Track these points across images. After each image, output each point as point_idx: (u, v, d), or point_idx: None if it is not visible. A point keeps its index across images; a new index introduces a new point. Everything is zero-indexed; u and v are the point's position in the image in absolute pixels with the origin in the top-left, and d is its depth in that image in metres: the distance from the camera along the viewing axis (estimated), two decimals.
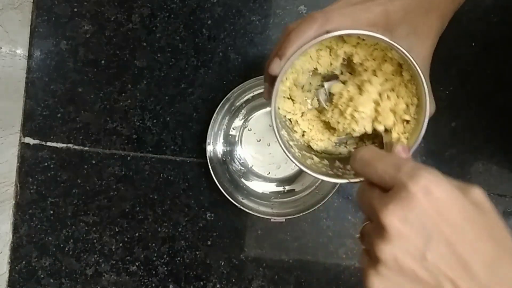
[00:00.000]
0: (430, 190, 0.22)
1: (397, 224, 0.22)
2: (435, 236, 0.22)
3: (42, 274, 0.57)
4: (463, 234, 0.22)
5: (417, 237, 0.22)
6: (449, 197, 0.22)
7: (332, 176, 0.33)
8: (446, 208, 0.22)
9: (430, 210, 0.22)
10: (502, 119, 0.56)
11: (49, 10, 0.56)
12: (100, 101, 0.56)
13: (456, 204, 0.22)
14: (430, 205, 0.22)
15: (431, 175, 0.23)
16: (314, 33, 0.29)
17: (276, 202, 0.54)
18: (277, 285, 0.57)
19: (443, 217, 0.22)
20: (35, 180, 0.56)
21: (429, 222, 0.22)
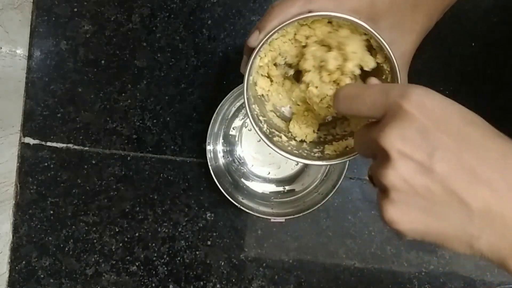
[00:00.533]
0: (423, 103, 0.22)
1: (398, 145, 0.22)
2: (439, 147, 0.21)
3: (42, 274, 0.57)
4: (467, 140, 0.21)
5: (420, 152, 0.21)
6: (444, 106, 0.22)
7: (296, 156, 0.34)
8: (444, 117, 0.22)
9: (428, 122, 0.21)
10: (502, 119, 0.56)
11: (49, 10, 0.56)
12: (100, 101, 0.56)
13: (453, 111, 0.22)
14: (427, 118, 0.21)
15: (421, 90, 0.22)
16: (296, 11, 0.29)
17: (276, 202, 0.54)
18: (277, 285, 0.57)
19: (442, 126, 0.21)
20: (35, 180, 0.56)
21: (429, 134, 0.21)
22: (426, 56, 0.56)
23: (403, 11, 0.30)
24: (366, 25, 0.29)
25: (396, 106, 0.22)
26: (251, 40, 0.31)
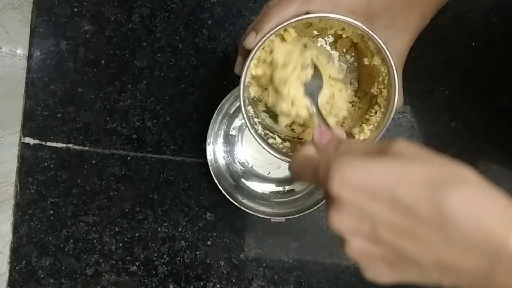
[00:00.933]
0: (347, 180, 0.22)
1: (343, 226, 0.24)
2: (376, 217, 0.22)
3: (42, 274, 0.57)
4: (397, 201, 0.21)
5: (363, 227, 0.23)
6: (366, 174, 0.22)
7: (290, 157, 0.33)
8: (369, 186, 0.22)
9: (356, 199, 0.22)
10: (502, 119, 0.56)
11: (49, 10, 0.56)
12: (100, 101, 0.56)
13: (376, 176, 0.22)
14: (355, 194, 0.22)
15: (341, 166, 0.23)
16: (294, 12, 0.29)
17: (276, 202, 0.54)
18: (277, 285, 0.57)
19: (371, 196, 0.22)
20: (35, 180, 0.56)
21: (363, 208, 0.22)
22: (426, 56, 0.56)
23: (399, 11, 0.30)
24: (364, 26, 0.29)
25: (326, 188, 0.23)
26: (247, 41, 0.30)
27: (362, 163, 0.22)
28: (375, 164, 0.22)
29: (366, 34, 0.30)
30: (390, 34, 0.31)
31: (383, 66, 0.31)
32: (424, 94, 0.56)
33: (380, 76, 0.32)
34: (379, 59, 0.31)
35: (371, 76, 0.34)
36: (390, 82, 0.31)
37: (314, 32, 0.35)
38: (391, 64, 0.30)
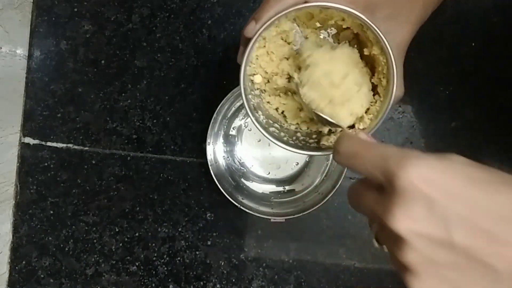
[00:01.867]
0: (423, 174, 0.21)
1: (410, 226, 0.21)
2: (450, 217, 0.20)
3: (42, 274, 0.57)
4: (475, 201, 0.20)
5: (434, 227, 0.20)
6: (444, 171, 0.21)
7: (291, 146, 0.33)
8: (446, 184, 0.21)
9: (432, 194, 0.20)
10: (502, 119, 0.56)
11: (49, 10, 0.56)
12: (100, 101, 0.56)
13: (454, 175, 0.21)
14: (430, 189, 0.20)
15: (418, 159, 0.21)
16: (293, 0, 0.29)
17: (276, 202, 0.54)
18: (277, 285, 0.57)
19: (447, 194, 0.20)
20: (35, 180, 0.56)
21: (437, 206, 0.20)
22: (426, 56, 0.56)
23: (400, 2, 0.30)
24: (363, 16, 0.29)
25: (397, 180, 0.21)
26: (247, 30, 0.30)
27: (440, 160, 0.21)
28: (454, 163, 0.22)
29: (364, 23, 0.30)
30: (391, 25, 0.30)
31: (382, 55, 0.31)
32: (424, 94, 0.56)
33: (379, 66, 0.32)
34: (378, 48, 0.31)
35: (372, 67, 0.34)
36: (389, 71, 0.31)
37: (317, 24, 0.35)
38: (389, 52, 0.30)
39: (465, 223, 0.20)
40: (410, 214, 0.21)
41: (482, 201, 0.20)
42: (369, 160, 0.23)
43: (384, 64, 0.32)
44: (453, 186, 0.20)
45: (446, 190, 0.20)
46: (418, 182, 0.20)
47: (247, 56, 0.32)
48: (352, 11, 0.29)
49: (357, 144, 0.24)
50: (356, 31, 0.34)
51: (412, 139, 0.57)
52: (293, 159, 0.56)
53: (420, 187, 0.20)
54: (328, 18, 0.34)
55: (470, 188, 0.21)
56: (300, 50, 0.35)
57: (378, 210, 0.22)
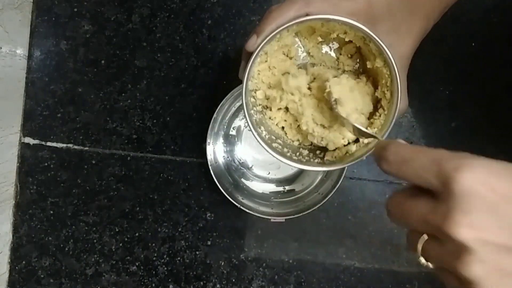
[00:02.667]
0: (482, 177, 0.19)
1: (473, 233, 0.19)
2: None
3: (42, 274, 0.57)
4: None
5: (499, 233, 0.19)
6: (503, 175, 0.20)
7: (295, 161, 0.33)
8: (507, 187, 0.19)
9: (494, 197, 0.19)
10: (502, 119, 0.56)
11: (49, 10, 0.56)
12: (100, 101, 0.56)
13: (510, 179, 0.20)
14: (491, 192, 0.19)
15: (475, 160, 0.20)
16: (294, 14, 0.29)
17: (276, 202, 0.54)
18: (277, 285, 0.57)
19: (509, 197, 0.19)
20: (35, 180, 0.56)
21: (500, 210, 0.19)
22: (426, 56, 0.56)
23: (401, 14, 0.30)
24: (365, 27, 0.29)
25: (455, 183, 0.19)
26: (249, 44, 0.30)
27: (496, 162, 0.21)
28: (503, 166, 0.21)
29: (367, 35, 0.30)
30: (393, 38, 0.30)
31: (385, 68, 0.31)
32: (424, 94, 0.56)
33: (383, 78, 0.32)
34: (381, 61, 0.31)
35: (376, 80, 0.34)
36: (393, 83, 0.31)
37: (319, 38, 0.35)
38: (393, 65, 0.29)
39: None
40: (474, 221, 0.19)
41: None
42: (422, 165, 0.21)
43: (387, 76, 0.31)
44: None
45: (507, 193, 0.19)
46: (479, 186, 0.19)
47: (249, 71, 0.31)
48: (354, 23, 0.29)
49: (407, 150, 0.23)
50: (358, 44, 0.34)
51: (412, 139, 0.57)
52: None
53: (482, 191, 0.19)
54: (330, 32, 0.34)
55: None
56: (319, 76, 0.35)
57: (434, 219, 0.20)
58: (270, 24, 0.30)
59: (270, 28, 0.30)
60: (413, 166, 0.22)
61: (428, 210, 0.21)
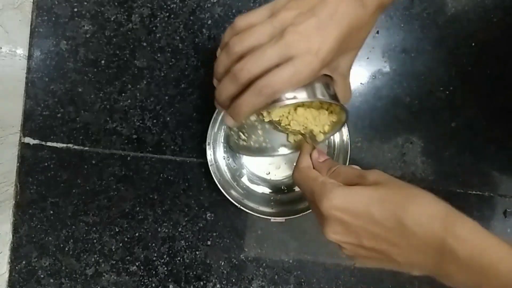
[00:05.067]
0: (338, 205, 0.31)
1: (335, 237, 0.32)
2: (358, 230, 0.30)
3: (42, 274, 0.57)
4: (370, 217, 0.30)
5: (351, 238, 0.31)
6: (351, 201, 0.31)
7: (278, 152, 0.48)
8: (354, 208, 0.30)
9: (344, 217, 0.31)
10: (502, 119, 0.56)
11: (49, 10, 0.56)
12: (100, 101, 0.56)
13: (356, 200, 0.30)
14: (342, 214, 0.31)
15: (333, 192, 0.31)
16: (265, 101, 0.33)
17: (276, 202, 0.54)
18: (277, 285, 0.57)
19: (353, 215, 0.30)
20: (35, 180, 0.56)
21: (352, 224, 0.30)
22: (426, 56, 0.56)
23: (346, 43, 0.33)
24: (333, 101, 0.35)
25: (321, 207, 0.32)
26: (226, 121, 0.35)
27: (348, 191, 0.31)
28: (357, 192, 0.31)
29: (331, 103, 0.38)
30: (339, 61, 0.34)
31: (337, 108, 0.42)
32: (424, 94, 0.56)
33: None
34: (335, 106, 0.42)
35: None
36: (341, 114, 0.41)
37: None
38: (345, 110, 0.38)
39: (368, 233, 0.30)
40: (333, 230, 0.32)
41: (375, 214, 0.29)
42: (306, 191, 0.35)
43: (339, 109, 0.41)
44: (357, 209, 0.30)
45: (353, 213, 0.30)
46: (333, 211, 0.31)
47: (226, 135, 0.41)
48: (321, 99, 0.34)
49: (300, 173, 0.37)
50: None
51: (412, 139, 0.57)
52: (293, 159, 0.56)
53: (334, 213, 0.31)
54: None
55: (369, 207, 0.30)
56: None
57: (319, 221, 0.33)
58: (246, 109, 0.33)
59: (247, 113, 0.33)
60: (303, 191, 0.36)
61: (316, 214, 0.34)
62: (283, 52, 0.30)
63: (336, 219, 0.31)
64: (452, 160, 0.56)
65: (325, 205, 0.31)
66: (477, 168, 0.57)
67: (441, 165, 0.56)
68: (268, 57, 0.31)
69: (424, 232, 0.28)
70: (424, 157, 0.57)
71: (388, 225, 0.29)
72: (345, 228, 0.31)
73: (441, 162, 0.56)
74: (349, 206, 0.30)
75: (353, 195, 0.31)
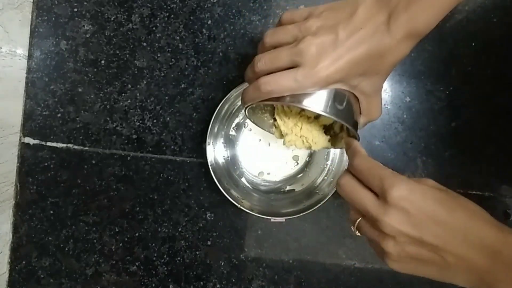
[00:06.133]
0: (406, 196, 0.30)
1: (395, 228, 0.31)
2: (422, 225, 0.30)
3: (42, 274, 0.57)
4: (436, 216, 0.30)
5: (412, 230, 0.30)
6: (421, 195, 0.30)
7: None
8: (421, 203, 0.30)
9: (411, 210, 0.30)
10: (502, 119, 0.56)
11: (49, 10, 0.56)
12: (100, 101, 0.56)
13: (424, 196, 0.30)
14: (410, 206, 0.30)
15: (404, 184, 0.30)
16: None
17: (276, 202, 0.54)
18: (277, 285, 0.57)
19: (421, 211, 0.30)
20: (35, 180, 0.56)
21: (414, 218, 0.30)
22: (426, 56, 0.56)
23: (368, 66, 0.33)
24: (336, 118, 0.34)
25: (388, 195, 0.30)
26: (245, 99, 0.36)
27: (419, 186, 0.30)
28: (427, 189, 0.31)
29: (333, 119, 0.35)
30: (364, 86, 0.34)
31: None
32: (424, 94, 0.56)
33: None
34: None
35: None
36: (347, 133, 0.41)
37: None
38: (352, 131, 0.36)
39: (431, 230, 0.30)
40: (397, 221, 0.30)
41: (442, 216, 0.30)
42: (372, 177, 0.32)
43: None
44: (424, 205, 0.30)
45: (419, 207, 0.30)
46: (402, 201, 0.30)
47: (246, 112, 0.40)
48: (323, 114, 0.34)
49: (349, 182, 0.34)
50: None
51: (412, 139, 0.57)
52: (293, 159, 0.56)
53: (403, 204, 0.30)
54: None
55: (435, 206, 0.30)
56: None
57: (373, 212, 0.31)
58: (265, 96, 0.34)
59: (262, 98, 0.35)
60: (367, 176, 0.33)
61: (370, 204, 0.32)
62: (293, 58, 0.32)
63: (403, 209, 0.30)
64: (452, 160, 0.56)
65: (396, 192, 0.30)
66: (477, 168, 0.57)
67: (441, 165, 0.56)
68: (280, 58, 0.33)
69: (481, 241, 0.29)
70: (424, 157, 0.57)
71: (456, 227, 0.30)
72: (410, 220, 0.30)
73: (441, 162, 0.56)
74: (421, 200, 0.30)
75: (425, 190, 0.31)
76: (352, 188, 0.34)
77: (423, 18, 0.31)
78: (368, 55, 0.31)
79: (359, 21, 0.31)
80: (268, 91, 0.33)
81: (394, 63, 0.33)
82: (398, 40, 0.31)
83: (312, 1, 0.56)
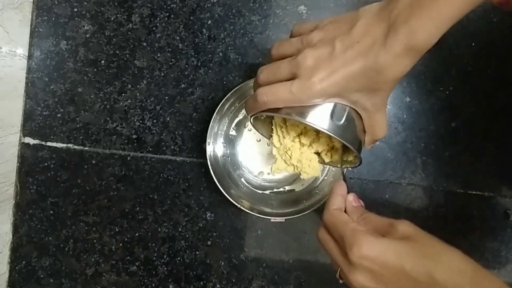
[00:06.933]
0: (366, 255, 0.31)
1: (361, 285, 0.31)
2: (386, 280, 0.31)
3: (42, 274, 0.57)
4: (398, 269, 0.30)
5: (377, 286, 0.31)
6: (382, 252, 0.30)
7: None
8: (382, 259, 0.30)
9: (372, 267, 0.31)
10: (502, 119, 0.56)
11: (49, 10, 0.56)
12: (100, 101, 0.56)
13: (385, 252, 0.30)
14: (371, 264, 0.31)
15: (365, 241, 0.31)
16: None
17: (276, 202, 0.54)
18: (277, 285, 0.57)
19: (382, 266, 0.30)
20: (35, 180, 0.56)
21: (379, 274, 0.31)
22: (426, 56, 0.55)
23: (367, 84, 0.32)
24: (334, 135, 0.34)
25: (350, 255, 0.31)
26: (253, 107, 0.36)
27: (379, 242, 0.31)
28: (389, 244, 0.31)
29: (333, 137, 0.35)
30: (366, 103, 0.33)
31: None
32: (424, 94, 0.56)
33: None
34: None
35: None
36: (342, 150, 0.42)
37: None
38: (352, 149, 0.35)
39: (397, 285, 0.30)
40: (362, 279, 0.31)
41: (406, 267, 0.30)
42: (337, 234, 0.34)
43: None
44: (386, 261, 0.30)
45: (381, 264, 0.30)
46: (362, 260, 0.31)
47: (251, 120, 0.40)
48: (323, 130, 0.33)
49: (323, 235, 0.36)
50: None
51: (412, 139, 0.57)
52: None
53: (365, 263, 0.31)
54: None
55: (400, 261, 0.30)
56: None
57: (343, 266, 0.33)
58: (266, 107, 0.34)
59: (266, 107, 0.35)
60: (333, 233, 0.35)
61: (340, 261, 0.33)
62: (292, 70, 0.32)
63: (365, 268, 0.31)
64: (452, 160, 0.56)
65: (356, 253, 0.31)
66: (477, 168, 0.57)
67: (441, 165, 0.56)
68: (281, 70, 0.33)
69: (453, 286, 0.29)
70: (424, 157, 0.57)
71: (420, 279, 0.30)
72: (374, 277, 0.31)
73: (441, 162, 0.56)
74: (380, 257, 0.30)
75: (385, 246, 0.31)
76: (325, 242, 0.35)
77: (423, 32, 0.28)
78: (363, 70, 0.30)
79: (357, 35, 0.31)
80: (264, 102, 0.33)
81: (394, 79, 0.31)
82: (395, 55, 0.29)
83: (312, 2, 0.56)
